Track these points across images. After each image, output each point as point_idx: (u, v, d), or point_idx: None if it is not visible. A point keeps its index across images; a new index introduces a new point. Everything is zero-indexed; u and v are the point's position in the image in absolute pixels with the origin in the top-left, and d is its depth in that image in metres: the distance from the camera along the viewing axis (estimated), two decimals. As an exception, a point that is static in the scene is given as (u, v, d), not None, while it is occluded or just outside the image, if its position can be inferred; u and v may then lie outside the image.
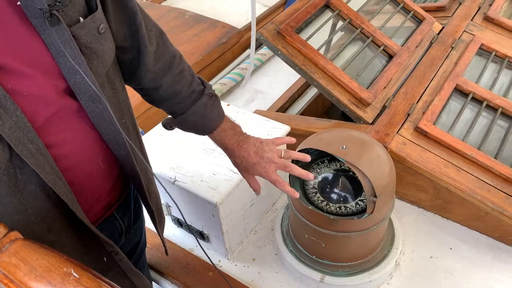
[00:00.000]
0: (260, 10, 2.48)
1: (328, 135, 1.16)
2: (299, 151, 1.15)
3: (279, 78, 2.07)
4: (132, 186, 1.03)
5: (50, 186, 0.69)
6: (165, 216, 1.21)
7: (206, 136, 1.36)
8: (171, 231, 1.40)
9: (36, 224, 0.71)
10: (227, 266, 1.30)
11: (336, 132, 1.18)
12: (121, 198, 0.97)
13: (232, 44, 2.20)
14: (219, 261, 1.32)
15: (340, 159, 1.07)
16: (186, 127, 1.01)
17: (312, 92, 1.91)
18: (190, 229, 1.34)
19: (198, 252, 1.35)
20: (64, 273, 0.44)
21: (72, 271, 0.44)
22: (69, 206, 0.73)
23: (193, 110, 0.95)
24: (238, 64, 2.17)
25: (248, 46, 2.26)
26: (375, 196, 1.04)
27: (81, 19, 0.70)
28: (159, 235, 1.09)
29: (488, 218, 1.24)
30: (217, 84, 2.01)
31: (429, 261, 1.24)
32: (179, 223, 1.39)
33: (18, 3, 0.62)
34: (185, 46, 2.11)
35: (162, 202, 1.18)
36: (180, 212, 0.93)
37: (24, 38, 0.64)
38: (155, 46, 0.89)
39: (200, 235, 1.34)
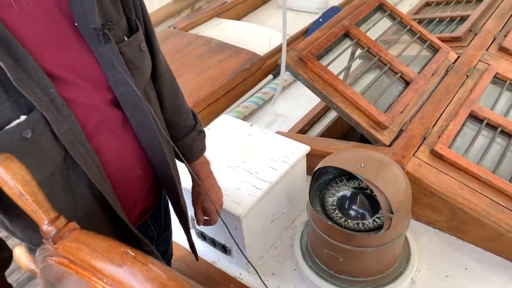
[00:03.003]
0: (281, 39, 2.60)
1: (347, 154, 1.23)
2: (318, 168, 1.23)
3: (299, 102, 2.15)
4: (163, 197, 1.12)
5: (97, 186, 0.77)
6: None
7: (231, 153, 1.45)
8: (195, 244, 1.46)
9: (84, 221, 0.79)
10: (247, 279, 1.35)
11: (354, 152, 1.24)
12: (154, 207, 1.05)
13: (254, 70, 2.31)
14: (240, 274, 1.37)
15: (358, 177, 1.13)
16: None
17: (331, 116, 1.99)
18: (213, 242, 1.41)
19: (221, 265, 1.41)
20: (122, 252, 0.51)
21: (129, 251, 0.51)
22: (112, 206, 0.81)
23: (183, 142, 1.08)
24: (260, 89, 2.28)
25: (269, 72, 2.37)
26: (392, 212, 1.09)
27: (126, 38, 0.80)
28: (189, 240, 1.16)
29: (503, 239, 1.27)
30: (240, 107, 2.11)
31: (444, 280, 1.27)
32: (203, 236, 1.45)
33: (76, 24, 0.72)
34: (211, 71, 2.23)
35: (188, 215, 1.26)
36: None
37: (79, 54, 0.74)
38: (168, 75, 0.99)
39: (223, 249, 1.40)
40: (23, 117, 0.66)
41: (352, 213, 1.22)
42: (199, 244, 1.47)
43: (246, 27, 2.91)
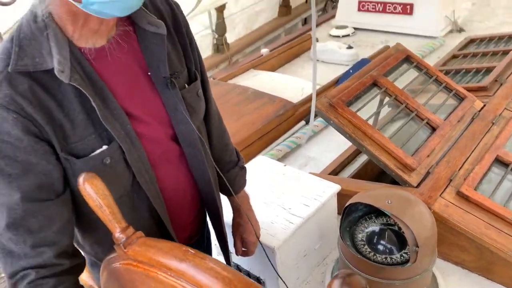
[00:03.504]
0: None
1: (375, 192, 1.32)
2: (349, 204, 1.32)
3: (330, 147, 2.27)
4: (206, 227, 1.24)
5: (156, 208, 0.91)
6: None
7: (267, 190, 1.56)
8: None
9: None
10: (280, 311, 1.42)
11: (382, 190, 1.34)
12: (198, 234, 1.17)
13: (288, 116, 2.47)
14: (273, 306, 1.44)
15: (386, 212, 1.22)
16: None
17: (361, 160, 2.08)
18: (249, 274, 1.49)
19: (254, 296, 1.48)
20: (184, 250, 0.63)
21: (189, 249, 0.63)
22: (166, 226, 0.93)
23: (227, 176, 1.19)
24: (293, 134, 2.42)
25: (301, 118, 2.52)
26: (417, 246, 1.16)
27: (186, 85, 0.96)
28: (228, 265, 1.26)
29: (531, 279, 1.30)
30: (274, 150, 2.25)
31: (474, 318, 1.30)
32: (239, 269, 1.54)
33: (149, 73, 0.89)
34: (247, 117, 2.40)
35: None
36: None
37: (150, 97, 0.90)
38: (217, 117, 1.14)
39: (257, 281, 1.48)
40: (104, 147, 0.82)
41: (381, 247, 1.29)
42: (234, 276, 1.56)
43: (280, 77, 3.11)
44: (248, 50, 4.99)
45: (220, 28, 4.50)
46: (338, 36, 4.02)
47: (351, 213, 1.40)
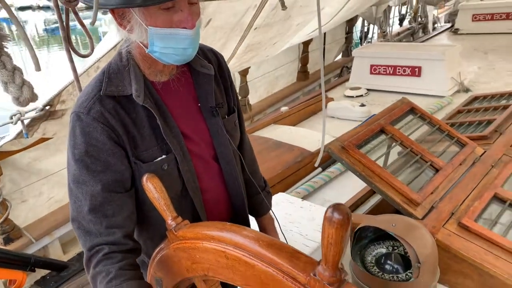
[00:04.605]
0: (328, 140, 3.00)
1: (382, 218, 1.50)
2: (358, 229, 1.49)
3: (344, 191, 2.45)
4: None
5: (199, 213, 1.12)
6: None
7: (286, 220, 1.75)
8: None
9: None
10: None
11: (388, 216, 1.52)
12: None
13: (305, 163, 2.69)
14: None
15: (391, 233, 1.39)
16: None
17: (374, 200, 2.25)
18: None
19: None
20: (223, 223, 0.84)
21: (227, 223, 0.83)
22: None
23: (255, 198, 1.41)
24: (310, 179, 2.62)
25: (318, 165, 2.72)
26: (419, 262, 1.32)
27: (226, 116, 1.20)
28: None
29: (529, 302, 1.41)
30: (293, 192, 2.44)
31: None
32: None
33: (199, 104, 1.14)
34: (268, 163, 2.63)
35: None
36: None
37: (199, 122, 1.15)
38: (249, 146, 1.37)
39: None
40: (163, 156, 1.06)
41: (388, 267, 1.45)
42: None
43: (298, 130, 3.38)
44: (268, 111, 5.33)
45: (243, 90, 4.88)
46: (352, 96, 4.32)
47: (361, 239, 1.57)
